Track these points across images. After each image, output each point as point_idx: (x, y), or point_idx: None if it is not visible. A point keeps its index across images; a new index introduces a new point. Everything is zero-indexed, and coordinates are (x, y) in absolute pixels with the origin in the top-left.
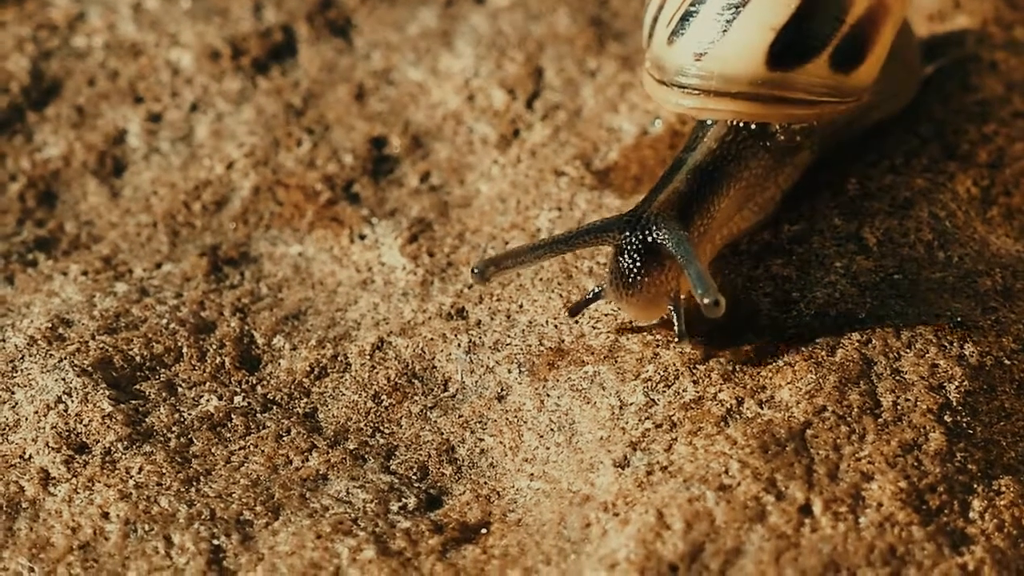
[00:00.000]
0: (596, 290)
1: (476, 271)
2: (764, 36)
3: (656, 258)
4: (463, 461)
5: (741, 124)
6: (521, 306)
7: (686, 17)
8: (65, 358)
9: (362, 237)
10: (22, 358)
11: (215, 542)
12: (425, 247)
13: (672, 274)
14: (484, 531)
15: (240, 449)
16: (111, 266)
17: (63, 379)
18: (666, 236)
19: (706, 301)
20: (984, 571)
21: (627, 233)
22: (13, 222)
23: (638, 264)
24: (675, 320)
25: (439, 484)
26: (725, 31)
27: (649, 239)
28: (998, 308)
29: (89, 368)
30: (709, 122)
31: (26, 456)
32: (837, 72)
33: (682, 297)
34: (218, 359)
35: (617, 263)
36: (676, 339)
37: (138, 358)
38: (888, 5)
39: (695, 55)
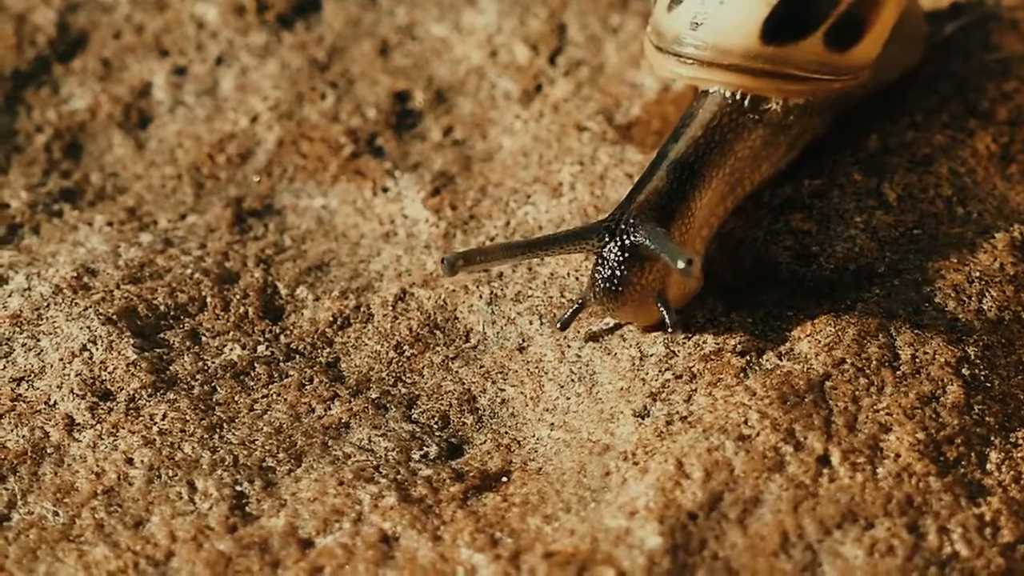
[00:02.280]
0: (580, 301)
1: (445, 262)
2: (759, 10)
3: (637, 261)
4: (484, 411)
5: (736, 97)
6: (543, 259)
7: None
8: (90, 307)
9: (385, 190)
10: (48, 306)
11: (238, 488)
12: (448, 200)
13: (654, 275)
14: (504, 479)
15: (263, 397)
16: (136, 217)
17: (88, 327)
18: (643, 236)
19: (679, 264)
20: (1001, 521)
21: (607, 239)
22: (39, 173)
23: (622, 270)
24: (666, 315)
25: (460, 433)
26: (721, 3)
27: (627, 242)
28: (1017, 263)
29: (114, 316)
30: (697, 107)
31: (51, 402)
32: (831, 50)
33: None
34: (242, 309)
35: (599, 272)
36: (670, 330)
37: (162, 307)
38: None
39: (692, 24)
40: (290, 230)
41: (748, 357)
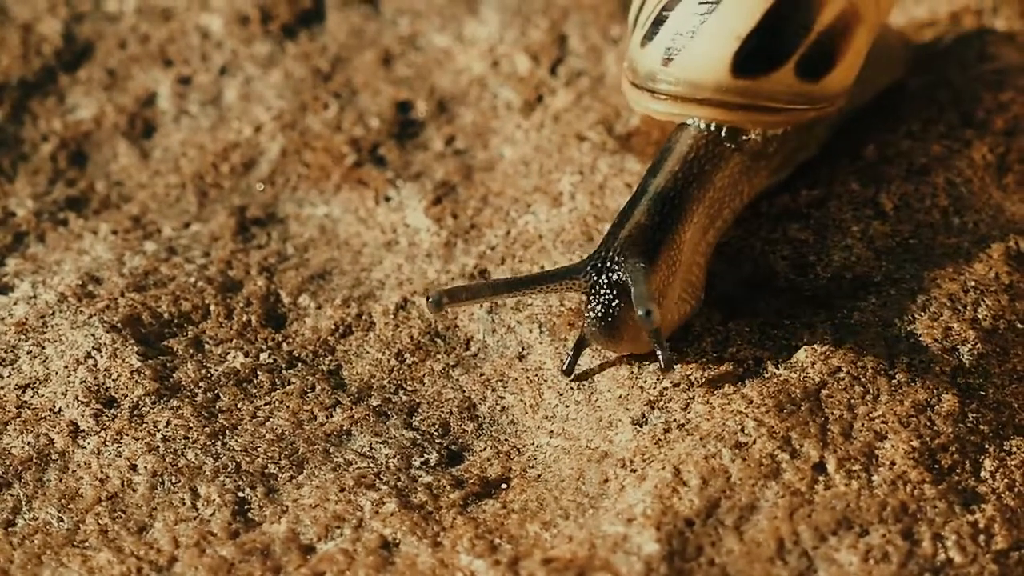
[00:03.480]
0: (578, 341)
1: (431, 299)
2: (729, 44)
3: (628, 297)
4: (484, 418)
5: (712, 128)
6: (543, 267)
7: (658, 22)
8: (95, 314)
9: (387, 199)
10: (52, 314)
11: (240, 494)
12: (449, 209)
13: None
14: (504, 486)
15: (266, 404)
16: (140, 225)
17: (92, 335)
18: (626, 272)
19: (638, 313)
20: (994, 528)
21: (595, 277)
22: (45, 182)
23: (614, 307)
24: (659, 353)
25: (460, 440)
26: (692, 37)
27: (615, 278)
28: (1012, 273)
29: (118, 324)
30: (674, 140)
31: (56, 409)
32: (804, 81)
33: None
34: (245, 317)
35: (593, 311)
36: (661, 370)
37: (166, 315)
38: (860, 13)
39: (663, 60)
40: (293, 239)
41: (745, 365)
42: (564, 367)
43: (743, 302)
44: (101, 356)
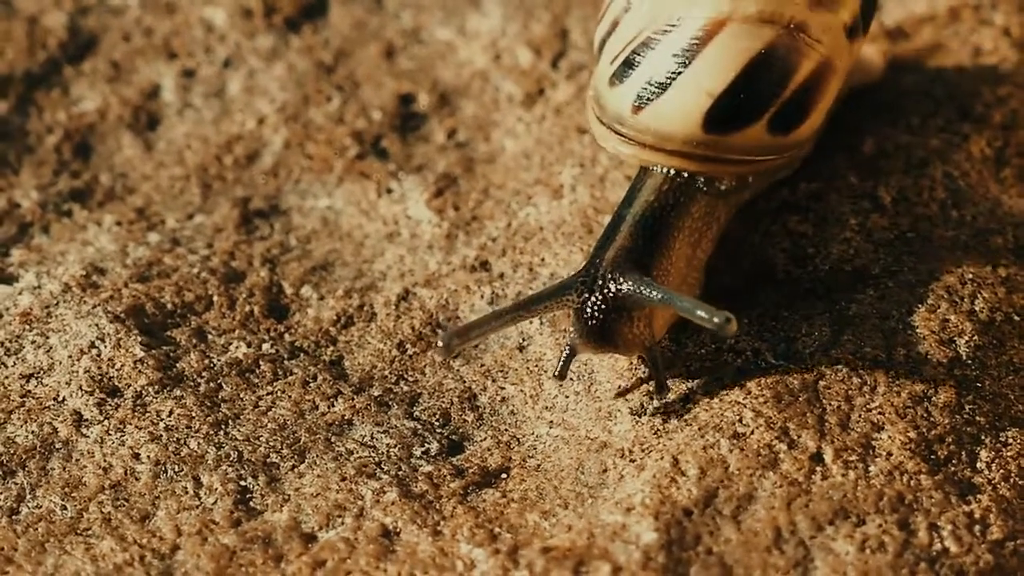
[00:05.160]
0: (569, 348)
1: (442, 344)
2: (701, 101)
3: (623, 312)
4: (484, 408)
5: (681, 175)
6: (543, 259)
7: (629, 63)
8: (98, 305)
9: (389, 191)
10: (57, 304)
11: (242, 483)
12: (451, 201)
13: (641, 324)
14: (504, 476)
15: (268, 394)
16: (144, 217)
17: (96, 325)
18: (631, 286)
19: (716, 321)
20: (990, 518)
21: (586, 294)
22: (49, 173)
23: (607, 322)
24: (653, 372)
25: (461, 430)
26: (664, 89)
27: (610, 293)
28: (1009, 266)
29: (122, 315)
30: (646, 177)
31: (60, 399)
32: (776, 135)
33: (658, 345)
34: (247, 307)
35: (584, 324)
36: (655, 393)
37: (169, 306)
38: (834, 64)
39: (633, 107)
40: (295, 230)
41: (744, 356)
42: (556, 371)
43: (742, 294)
44: (105, 346)
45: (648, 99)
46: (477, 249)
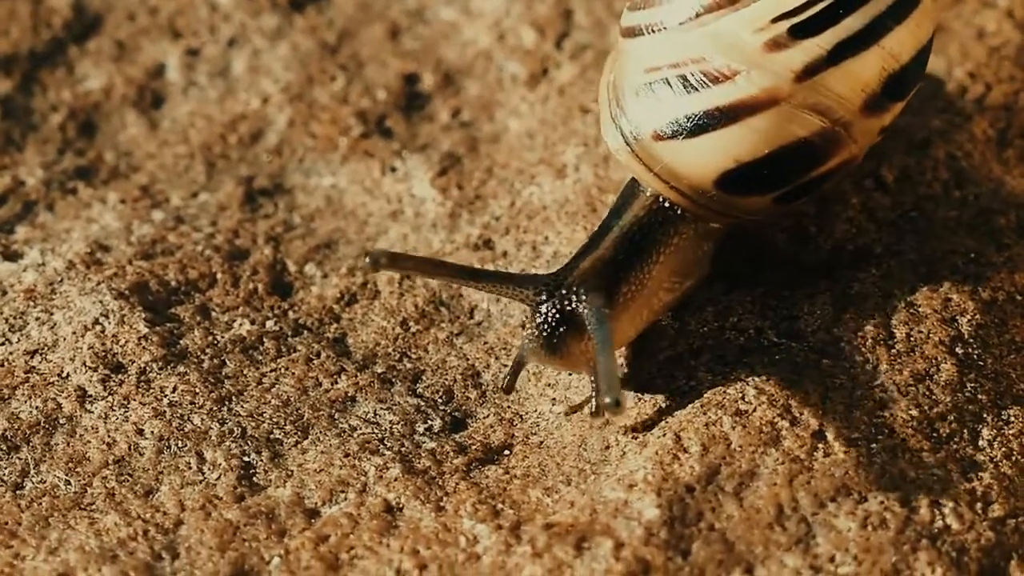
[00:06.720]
0: (518, 358)
1: (369, 257)
2: (723, 162)
3: (576, 329)
4: (487, 386)
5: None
6: (547, 238)
7: (668, 84)
8: (103, 282)
9: (393, 170)
10: (61, 281)
11: (246, 459)
12: (454, 180)
13: (592, 346)
14: (507, 452)
15: (271, 371)
16: (148, 195)
17: (100, 302)
18: (587, 312)
19: (606, 400)
20: (992, 496)
21: (545, 299)
22: (54, 151)
23: (558, 333)
24: (594, 394)
25: (464, 407)
26: (694, 135)
27: (568, 308)
28: (1011, 245)
29: (126, 292)
30: (637, 191)
31: (64, 375)
32: (779, 205)
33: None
34: (251, 285)
35: (536, 329)
36: (592, 413)
37: (173, 283)
38: (858, 158)
39: (655, 134)
40: (299, 208)
41: (747, 335)
42: (503, 385)
43: (745, 273)
44: (109, 323)
45: (673, 135)
46: (480, 228)
